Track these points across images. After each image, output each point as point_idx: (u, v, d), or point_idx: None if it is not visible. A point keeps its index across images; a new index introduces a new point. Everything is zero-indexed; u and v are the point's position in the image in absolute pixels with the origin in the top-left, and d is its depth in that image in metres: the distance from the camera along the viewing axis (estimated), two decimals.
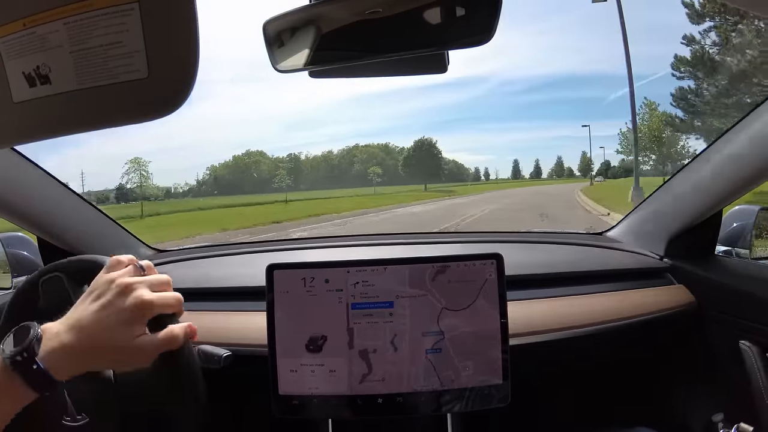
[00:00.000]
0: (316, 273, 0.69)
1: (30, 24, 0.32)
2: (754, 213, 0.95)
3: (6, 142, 0.49)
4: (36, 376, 0.43)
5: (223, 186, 37.55)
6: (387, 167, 41.89)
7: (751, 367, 0.80)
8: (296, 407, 0.68)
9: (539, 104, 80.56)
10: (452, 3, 0.42)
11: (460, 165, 59.70)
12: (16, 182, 0.85)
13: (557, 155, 77.16)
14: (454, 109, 75.81)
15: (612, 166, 41.82)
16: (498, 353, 0.68)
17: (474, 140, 76.79)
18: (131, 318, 0.47)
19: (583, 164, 53.46)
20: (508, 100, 79.79)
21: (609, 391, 1.00)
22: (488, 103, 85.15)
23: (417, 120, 72.13)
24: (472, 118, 78.43)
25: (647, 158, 23.40)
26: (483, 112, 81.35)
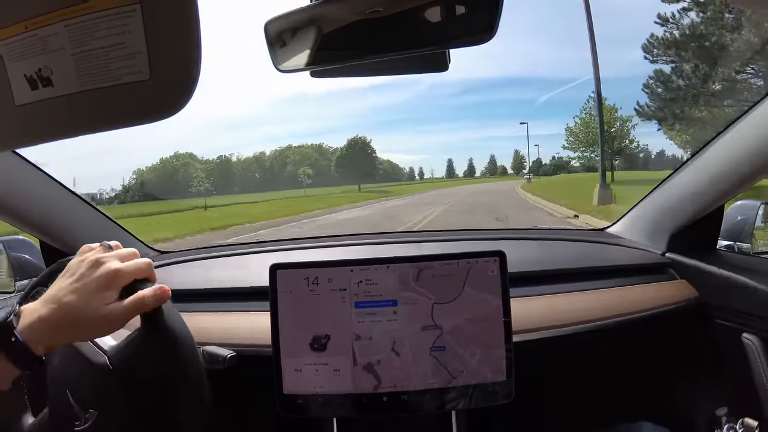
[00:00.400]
0: (319, 272, 0.69)
1: (32, 26, 0.32)
2: (755, 207, 0.95)
3: (8, 144, 0.49)
4: (16, 349, 0.46)
5: (149, 191, 34.00)
6: (320, 168, 40.50)
7: (754, 360, 0.80)
8: (301, 406, 0.68)
9: (473, 105, 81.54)
10: (453, 1, 0.42)
11: (395, 165, 58.61)
12: (18, 185, 0.85)
13: (490, 154, 76.97)
14: (390, 110, 75.87)
15: (543, 164, 42.15)
16: (502, 350, 0.68)
17: (409, 140, 76.98)
18: (102, 286, 0.49)
19: (516, 162, 53.77)
20: (443, 102, 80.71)
21: (612, 386, 1.00)
22: (423, 105, 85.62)
23: (352, 120, 72.05)
24: (407, 119, 78.70)
25: (594, 153, 22.40)
26: (418, 114, 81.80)
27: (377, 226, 9.22)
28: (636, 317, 0.85)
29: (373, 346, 0.68)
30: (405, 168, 61.07)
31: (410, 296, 0.68)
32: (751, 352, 0.80)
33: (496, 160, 59.88)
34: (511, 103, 73.91)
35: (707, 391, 0.92)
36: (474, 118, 78.40)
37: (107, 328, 0.50)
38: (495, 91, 78.32)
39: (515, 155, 55.33)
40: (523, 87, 68.85)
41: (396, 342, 0.68)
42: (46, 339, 0.47)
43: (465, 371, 0.68)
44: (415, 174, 61.22)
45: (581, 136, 22.15)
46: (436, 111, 77.88)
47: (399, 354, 0.68)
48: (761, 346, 0.79)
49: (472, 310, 0.68)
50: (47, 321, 0.47)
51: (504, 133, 74.18)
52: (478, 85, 75.83)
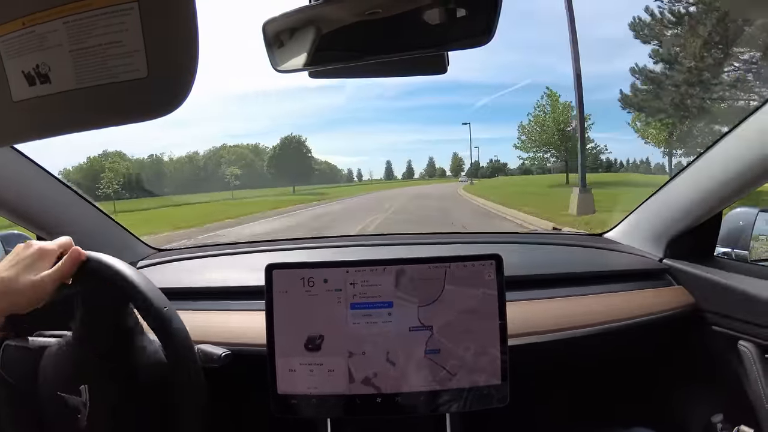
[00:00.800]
0: (315, 273, 0.69)
1: (29, 23, 0.32)
2: (753, 215, 0.95)
3: (5, 140, 0.50)
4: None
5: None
6: (255, 168, 39.01)
7: (750, 368, 0.80)
8: (295, 406, 0.68)
9: (413, 108, 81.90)
10: (452, 4, 0.42)
11: (333, 166, 57.82)
12: (15, 180, 0.85)
13: (429, 156, 76.85)
14: (331, 111, 75.54)
15: (481, 166, 42.89)
16: (497, 353, 0.68)
17: (348, 142, 76.77)
18: (33, 261, 0.58)
19: (455, 164, 54.52)
20: (383, 105, 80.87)
21: (608, 391, 1.00)
22: (364, 106, 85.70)
23: (289, 121, 71.73)
24: (346, 120, 78.53)
25: (547, 154, 21.63)
26: (359, 115, 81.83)
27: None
28: (633, 323, 0.85)
29: (367, 361, 0.68)
30: (344, 170, 60.60)
31: (405, 298, 0.68)
32: (747, 359, 0.80)
33: (434, 162, 61.07)
34: (449, 107, 74.61)
35: (703, 398, 0.92)
36: (413, 121, 78.84)
37: (39, 293, 0.58)
38: (435, 95, 78.91)
39: (454, 157, 55.71)
40: (461, 91, 69.71)
41: (389, 352, 0.68)
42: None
43: (462, 367, 0.68)
44: (354, 176, 61.16)
45: (535, 135, 21.19)
46: (376, 113, 78.02)
47: (395, 364, 0.68)
48: (757, 353, 0.79)
49: (467, 312, 0.68)
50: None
51: (443, 137, 75.26)
52: (418, 89, 76.29)
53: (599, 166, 23.94)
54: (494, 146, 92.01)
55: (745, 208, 0.98)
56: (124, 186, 30.04)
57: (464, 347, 0.68)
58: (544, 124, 20.80)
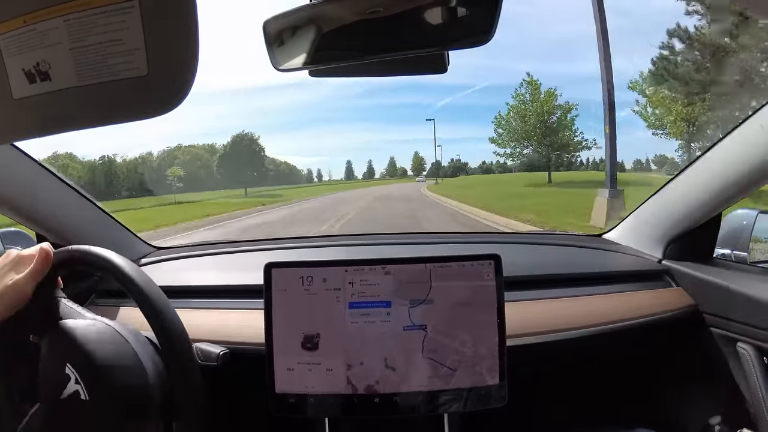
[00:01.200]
0: (314, 272, 0.69)
1: (30, 21, 0.32)
2: (753, 216, 0.95)
3: (5, 138, 0.50)
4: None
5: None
6: (211, 169, 36.53)
7: (749, 370, 0.80)
8: (293, 406, 0.68)
9: (374, 108, 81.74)
10: (452, 3, 0.42)
11: (293, 166, 54.18)
12: (15, 178, 0.85)
13: (390, 156, 74.76)
14: (291, 111, 74.58)
15: (442, 166, 42.41)
16: (495, 353, 0.68)
17: (309, 142, 75.90)
18: (9, 266, 0.60)
19: (416, 164, 53.03)
20: (345, 103, 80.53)
21: (606, 392, 1.00)
22: (325, 107, 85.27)
23: (248, 121, 70.88)
24: (307, 120, 77.81)
25: (527, 149, 18.92)
26: (318, 115, 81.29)
27: None
28: (631, 324, 0.85)
29: (366, 371, 0.68)
30: (303, 170, 57.67)
31: (404, 297, 0.68)
32: (745, 361, 0.80)
33: (396, 162, 58.39)
34: (410, 106, 74.65)
35: (701, 400, 0.92)
36: (374, 120, 78.70)
37: (16, 296, 0.59)
38: (396, 95, 78.95)
39: (415, 157, 54.23)
40: (422, 91, 69.84)
41: (387, 358, 0.68)
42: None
43: (462, 362, 0.68)
44: (314, 176, 58.35)
45: (514, 128, 18.51)
46: (337, 112, 77.73)
47: (395, 369, 0.68)
48: (756, 355, 0.79)
49: (466, 312, 0.68)
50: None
51: (404, 137, 75.10)
52: (380, 88, 76.29)
53: (573, 165, 23.23)
54: (455, 146, 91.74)
55: (744, 210, 0.99)
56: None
57: (461, 342, 0.68)
58: (524, 116, 18.34)
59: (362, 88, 76.79)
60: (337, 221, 9.36)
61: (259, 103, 70.81)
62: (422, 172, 48.68)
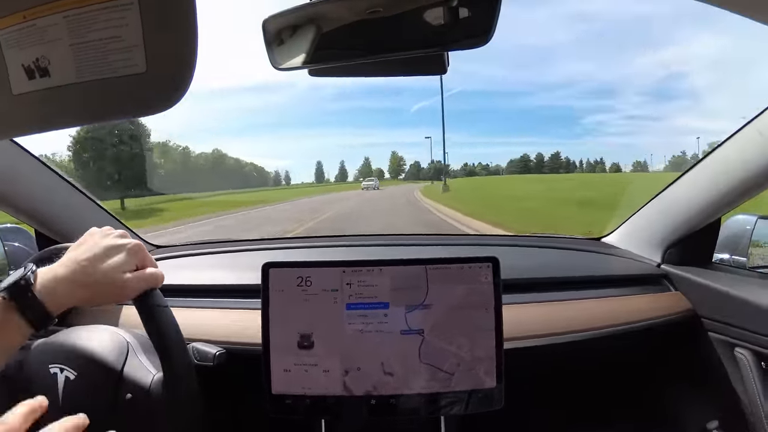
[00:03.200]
0: (311, 272, 0.69)
1: (30, 17, 0.32)
2: (752, 222, 0.95)
3: (5, 134, 0.50)
4: (32, 306, 0.47)
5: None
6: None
7: (747, 375, 0.80)
8: (289, 407, 0.68)
9: (347, 111, 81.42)
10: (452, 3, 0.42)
11: (260, 168, 51.34)
12: (15, 174, 0.85)
13: (364, 156, 71.01)
14: (264, 113, 73.40)
15: (421, 167, 42.26)
16: (492, 356, 0.68)
17: (278, 144, 74.37)
18: (127, 257, 0.54)
19: (394, 164, 50.83)
20: (318, 106, 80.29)
21: (604, 396, 1.00)
22: (296, 109, 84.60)
23: (218, 124, 70.11)
24: (278, 124, 76.62)
25: None
26: (290, 118, 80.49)
27: None
28: (629, 328, 0.85)
29: (364, 376, 0.67)
30: (271, 172, 53.81)
31: (401, 299, 0.68)
32: (743, 366, 0.80)
33: (371, 162, 54.76)
34: (384, 111, 74.65)
35: (699, 404, 0.91)
36: (348, 125, 78.20)
37: (120, 295, 0.54)
38: (371, 98, 78.87)
39: (393, 157, 51.57)
40: (397, 94, 69.71)
41: (384, 363, 0.68)
42: (60, 297, 0.49)
43: (460, 366, 0.67)
44: (281, 178, 52.41)
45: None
46: (310, 116, 77.07)
47: (392, 374, 0.68)
48: (754, 360, 0.79)
49: (463, 315, 0.68)
50: (65, 280, 0.50)
51: (379, 140, 74.69)
52: (355, 91, 76.07)
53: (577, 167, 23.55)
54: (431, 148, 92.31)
55: (744, 215, 0.98)
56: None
57: (458, 346, 0.68)
58: None
59: (336, 91, 76.85)
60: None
61: (224, 104, 69.84)
62: (400, 173, 47.08)
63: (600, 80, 76.88)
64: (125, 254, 0.54)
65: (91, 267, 0.51)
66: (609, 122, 71.27)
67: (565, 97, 76.59)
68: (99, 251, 0.53)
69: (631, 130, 66.36)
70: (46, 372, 0.59)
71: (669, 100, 68.73)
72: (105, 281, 0.52)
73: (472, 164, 46.61)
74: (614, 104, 72.71)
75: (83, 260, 0.51)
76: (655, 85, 75.64)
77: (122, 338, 0.65)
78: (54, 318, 0.49)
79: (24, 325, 0.47)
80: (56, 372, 0.59)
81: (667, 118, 66.86)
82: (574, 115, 72.29)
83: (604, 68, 66.84)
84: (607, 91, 74.13)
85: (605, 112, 71.17)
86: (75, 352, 0.61)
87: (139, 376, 0.60)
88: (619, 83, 73.25)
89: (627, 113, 69.43)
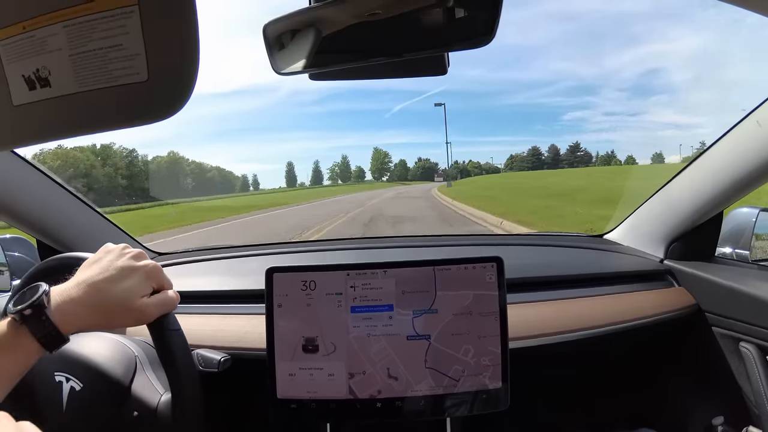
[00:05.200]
0: (315, 276, 0.68)
1: (30, 27, 0.32)
2: (754, 215, 0.95)
3: (6, 145, 0.49)
4: (45, 329, 0.46)
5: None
6: (97, 178, 30.10)
7: (752, 369, 0.79)
8: (294, 411, 0.68)
9: (327, 115, 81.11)
10: (452, 4, 0.42)
11: (229, 173, 45.60)
12: (16, 185, 0.85)
13: (341, 155, 65.24)
14: (241, 118, 71.82)
15: (409, 167, 40.33)
16: (498, 356, 0.68)
17: (257, 149, 72.85)
18: (144, 281, 0.52)
19: (377, 164, 45.59)
20: (298, 110, 80.00)
21: (609, 393, 1.00)
22: (279, 113, 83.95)
23: (199, 127, 68.92)
24: (254, 129, 75.36)
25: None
26: (266, 122, 79.48)
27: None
28: (634, 324, 0.85)
29: (369, 380, 0.67)
30: (239, 176, 49.46)
31: (406, 301, 0.68)
32: (748, 361, 0.80)
33: (349, 162, 48.75)
34: (363, 113, 74.56)
35: (704, 400, 0.91)
36: (324, 129, 77.58)
37: (137, 318, 0.52)
38: (348, 101, 78.71)
39: (375, 153, 45.31)
40: (375, 96, 69.50)
41: (390, 368, 0.67)
42: (74, 320, 0.48)
43: (465, 371, 0.67)
44: (249, 183, 47.10)
45: None
46: (290, 120, 76.31)
47: (398, 379, 0.67)
48: (758, 355, 0.79)
49: (468, 315, 0.68)
50: (79, 303, 0.48)
51: (357, 142, 74.27)
52: (332, 95, 75.84)
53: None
54: (412, 150, 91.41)
55: (746, 208, 0.98)
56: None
57: (465, 350, 0.67)
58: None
59: (316, 95, 76.77)
60: None
61: (206, 110, 68.97)
62: (385, 173, 43.09)
63: (580, 77, 77.61)
64: (142, 277, 0.52)
65: (106, 291, 0.49)
66: (589, 118, 71.73)
67: (545, 95, 77.20)
68: (115, 273, 0.50)
69: (609, 127, 66.80)
70: (51, 379, 0.58)
71: (647, 95, 69.34)
72: (120, 307, 0.50)
73: (462, 162, 44.99)
74: (594, 101, 73.27)
75: (98, 282, 0.49)
76: (634, 81, 76.26)
77: (130, 351, 0.65)
78: (67, 340, 0.48)
79: (36, 347, 0.46)
80: (61, 380, 0.58)
81: (644, 113, 67.41)
82: (554, 113, 72.73)
83: (584, 66, 67.58)
84: (587, 88, 74.76)
85: (585, 109, 71.76)
86: (82, 363, 0.60)
87: (146, 394, 0.60)
88: (598, 81, 74.03)
89: (606, 109, 69.99)
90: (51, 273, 0.61)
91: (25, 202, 0.88)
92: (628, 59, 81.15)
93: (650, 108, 67.70)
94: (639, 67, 78.68)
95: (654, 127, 59.60)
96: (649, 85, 72.37)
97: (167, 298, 0.55)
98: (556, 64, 75.38)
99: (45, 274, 0.61)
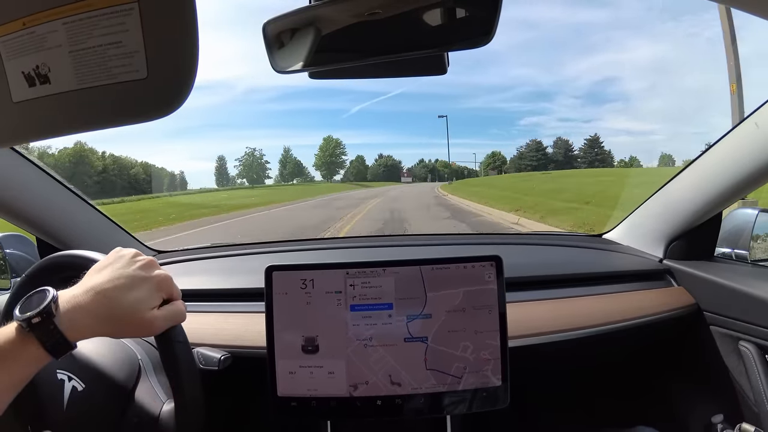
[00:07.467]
0: (315, 275, 0.69)
1: (29, 24, 0.32)
2: (753, 215, 0.95)
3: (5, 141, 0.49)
4: (52, 337, 0.45)
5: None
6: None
7: (751, 368, 0.80)
8: (295, 409, 0.68)
9: (285, 113, 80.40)
10: (452, 4, 0.42)
11: (160, 169, 37.45)
12: (16, 182, 0.85)
13: (284, 148, 62.30)
14: (196, 116, 70.24)
15: (367, 164, 37.75)
16: (497, 355, 0.68)
17: (210, 147, 71.53)
18: (154, 292, 0.51)
19: (324, 155, 40.38)
20: (255, 108, 79.06)
21: (609, 392, 1.00)
22: (234, 111, 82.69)
23: (158, 124, 67.09)
24: (211, 126, 73.72)
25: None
26: (225, 120, 78.06)
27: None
28: (633, 323, 0.85)
29: (373, 389, 0.67)
30: (174, 172, 40.72)
31: (405, 299, 0.68)
32: (747, 360, 0.80)
33: (301, 163, 42.41)
34: (320, 112, 74.04)
35: (703, 398, 0.91)
36: (278, 127, 76.93)
37: (145, 331, 0.51)
38: (307, 100, 78.13)
39: (324, 143, 40.41)
40: (335, 96, 69.01)
41: (392, 375, 0.67)
42: (82, 329, 0.47)
43: (466, 368, 0.67)
44: (177, 181, 38.18)
45: None
46: (246, 118, 75.03)
47: (401, 385, 0.67)
48: (758, 354, 0.79)
49: (467, 314, 0.68)
50: (88, 311, 0.47)
51: (309, 142, 73.45)
52: (294, 93, 75.21)
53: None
54: (370, 149, 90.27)
55: (745, 209, 0.99)
56: None
57: (464, 347, 0.68)
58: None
59: (276, 93, 76.01)
60: None
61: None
62: (338, 170, 39.17)
63: (536, 83, 78.06)
64: (153, 288, 0.51)
65: (115, 300, 0.48)
66: (544, 124, 72.06)
67: (503, 100, 77.57)
68: (125, 282, 0.49)
69: (564, 132, 67.18)
70: (54, 377, 0.58)
71: (601, 103, 70.14)
72: (129, 318, 0.49)
73: (430, 161, 42.33)
74: (549, 107, 73.77)
75: (108, 290, 0.48)
76: (589, 88, 77.10)
77: (134, 355, 0.65)
78: (74, 347, 0.47)
79: (43, 354, 0.45)
80: (63, 379, 0.58)
81: (598, 120, 68.15)
82: (511, 117, 73.15)
83: (541, 72, 67.61)
84: (543, 94, 75.22)
85: (541, 115, 72.20)
86: (85, 363, 0.60)
87: (148, 401, 0.60)
88: (554, 87, 74.62)
89: (561, 115, 70.44)
90: (54, 271, 0.61)
91: (25, 200, 0.88)
92: (584, 67, 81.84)
93: (604, 115, 68.56)
94: (595, 74, 79.49)
95: (607, 134, 60.21)
96: (603, 92, 73.25)
97: (177, 311, 0.53)
98: (515, 70, 75.93)
99: (47, 272, 0.61)
